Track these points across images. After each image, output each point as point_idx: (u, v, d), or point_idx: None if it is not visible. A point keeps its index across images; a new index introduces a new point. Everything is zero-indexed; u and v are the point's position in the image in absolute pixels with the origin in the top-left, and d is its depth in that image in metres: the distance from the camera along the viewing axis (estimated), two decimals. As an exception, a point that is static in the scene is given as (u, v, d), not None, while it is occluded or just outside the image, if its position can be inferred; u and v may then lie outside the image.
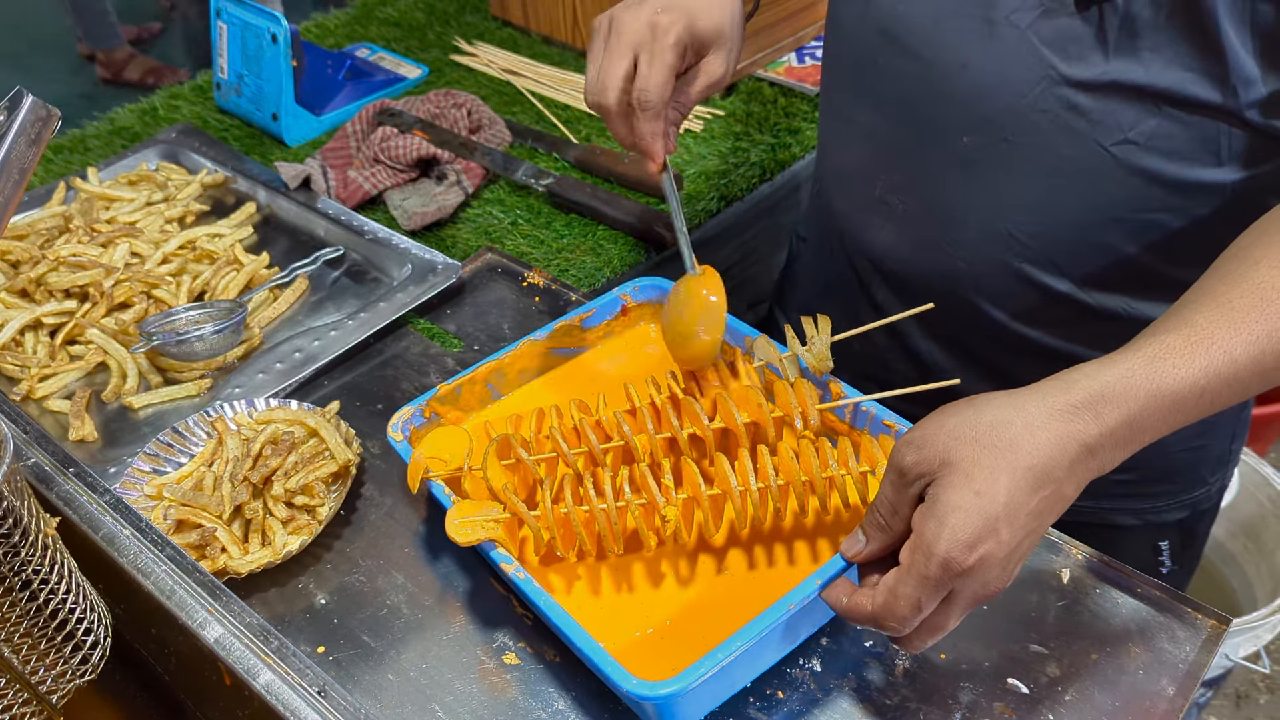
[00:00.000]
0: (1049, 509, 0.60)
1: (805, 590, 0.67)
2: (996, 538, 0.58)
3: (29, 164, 0.55)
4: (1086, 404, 0.59)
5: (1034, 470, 0.58)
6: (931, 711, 0.73)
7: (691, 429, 0.79)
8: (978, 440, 0.59)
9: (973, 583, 0.60)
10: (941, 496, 0.59)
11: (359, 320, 1.05)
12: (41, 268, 1.08)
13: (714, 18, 0.84)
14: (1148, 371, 0.59)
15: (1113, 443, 0.60)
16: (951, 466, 0.59)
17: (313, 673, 0.61)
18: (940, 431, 0.61)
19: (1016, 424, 0.59)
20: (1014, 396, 0.61)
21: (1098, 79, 0.72)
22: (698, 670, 0.64)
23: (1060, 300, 0.84)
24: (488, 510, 0.75)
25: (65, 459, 0.74)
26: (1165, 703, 0.73)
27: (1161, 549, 1.00)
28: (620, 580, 0.78)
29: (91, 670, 0.58)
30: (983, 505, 0.58)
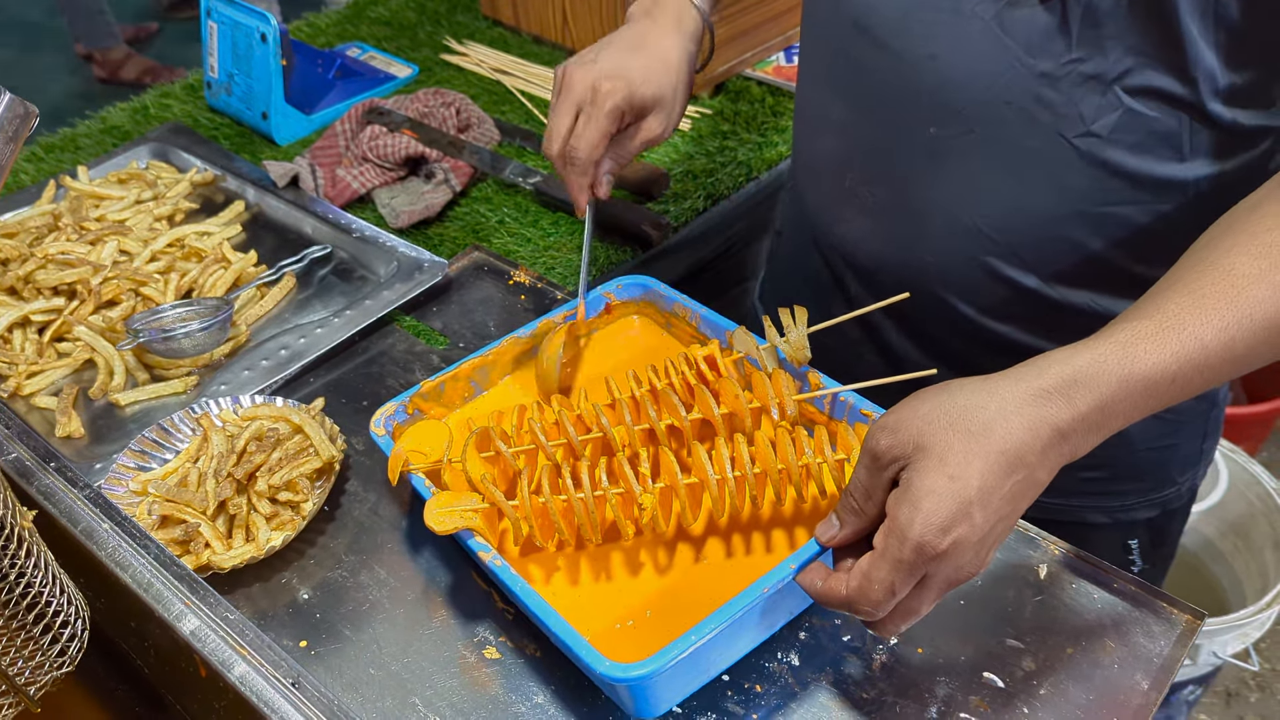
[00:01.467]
0: (1022, 493, 0.61)
1: (780, 574, 0.68)
2: (970, 521, 0.59)
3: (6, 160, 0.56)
4: (1059, 389, 0.60)
5: (1007, 454, 0.59)
6: (908, 705, 0.73)
7: (669, 420, 0.80)
8: (951, 425, 0.60)
9: (946, 566, 0.60)
10: (915, 481, 0.59)
11: (345, 318, 1.05)
12: (30, 265, 1.09)
13: (655, 84, 0.93)
14: (1119, 356, 0.60)
15: (1085, 427, 0.60)
16: (925, 451, 0.60)
17: (287, 664, 0.62)
18: (914, 416, 0.61)
19: (990, 408, 0.60)
20: (987, 381, 0.62)
21: (1061, 70, 0.73)
22: (670, 653, 0.64)
23: (1027, 295, 0.85)
24: (467, 501, 0.76)
25: (47, 454, 0.74)
26: (1140, 696, 0.73)
27: (1131, 548, 1.01)
28: (599, 570, 0.78)
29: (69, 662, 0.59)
30: (956, 489, 0.58)
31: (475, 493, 0.77)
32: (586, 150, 0.92)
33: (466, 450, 0.78)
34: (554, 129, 0.93)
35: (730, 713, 0.73)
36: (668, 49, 0.94)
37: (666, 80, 0.93)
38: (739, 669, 0.75)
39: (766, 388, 0.79)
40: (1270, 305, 0.61)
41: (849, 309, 0.96)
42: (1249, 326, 0.61)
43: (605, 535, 0.77)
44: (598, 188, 0.96)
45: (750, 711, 0.73)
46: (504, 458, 0.78)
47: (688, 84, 0.97)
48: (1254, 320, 0.61)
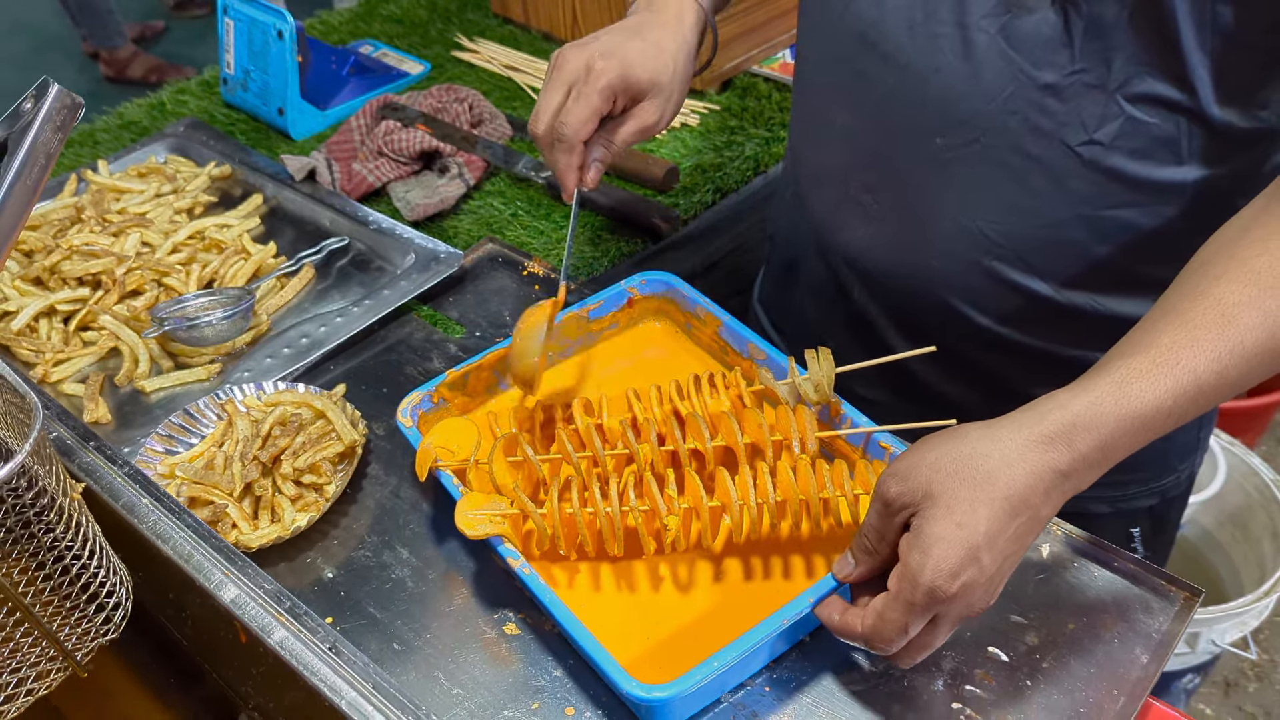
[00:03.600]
0: (1027, 532, 0.65)
1: (798, 606, 0.71)
2: (978, 565, 0.63)
3: (54, 150, 0.58)
4: (1060, 434, 0.63)
5: (1011, 500, 0.62)
6: (915, 679, 0.76)
7: (694, 444, 0.82)
8: (957, 474, 0.63)
9: (957, 606, 0.65)
10: (925, 528, 0.63)
11: (364, 307, 1.08)
12: (55, 256, 1.11)
13: (650, 68, 0.89)
14: (1116, 397, 0.63)
15: (1085, 465, 0.64)
16: (933, 499, 0.63)
17: (324, 630, 0.64)
18: (922, 464, 0.65)
19: (994, 456, 0.63)
20: (991, 428, 0.65)
21: (1064, 80, 0.75)
22: (693, 677, 0.68)
23: (1030, 298, 0.87)
24: (495, 505, 0.78)
25: (85, 433, 0.77)
26: (1139, 670, 0.76)
27: (1134, 535, 1.03)
28: (620, 579, 0.81)
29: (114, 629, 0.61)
30: (964, 536, 0.62)
31: (500, 495, 0.79)
32: (574, 126, 0.88)
33: (494, 455, 0.80)
34: (542, 105, 0.89)
35: (742, 685, 0.75)
36: (665, 38, 0.92)
37: (663, 66, 0.90)
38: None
39: (790, 421, 0.81)
40: (1261, 332, 0.64)
41: (852, 315, 0.98)
42: (1241, 354, 0.63)
43: (626, 548, 0.80)
44: (585, 172, 0.92)
45: (761, 684, 0.76)
46: (530, 463, 0.81)
47: (685, 76, 0.94)
48: (1245, 347, 0.64)
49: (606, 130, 0.92)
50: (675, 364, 0.97)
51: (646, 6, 0.95)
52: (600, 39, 0.90)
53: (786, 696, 0.75)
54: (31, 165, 0.57)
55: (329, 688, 0.62)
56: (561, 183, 0.92)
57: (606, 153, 0.92)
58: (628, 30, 0.91)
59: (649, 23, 0.93)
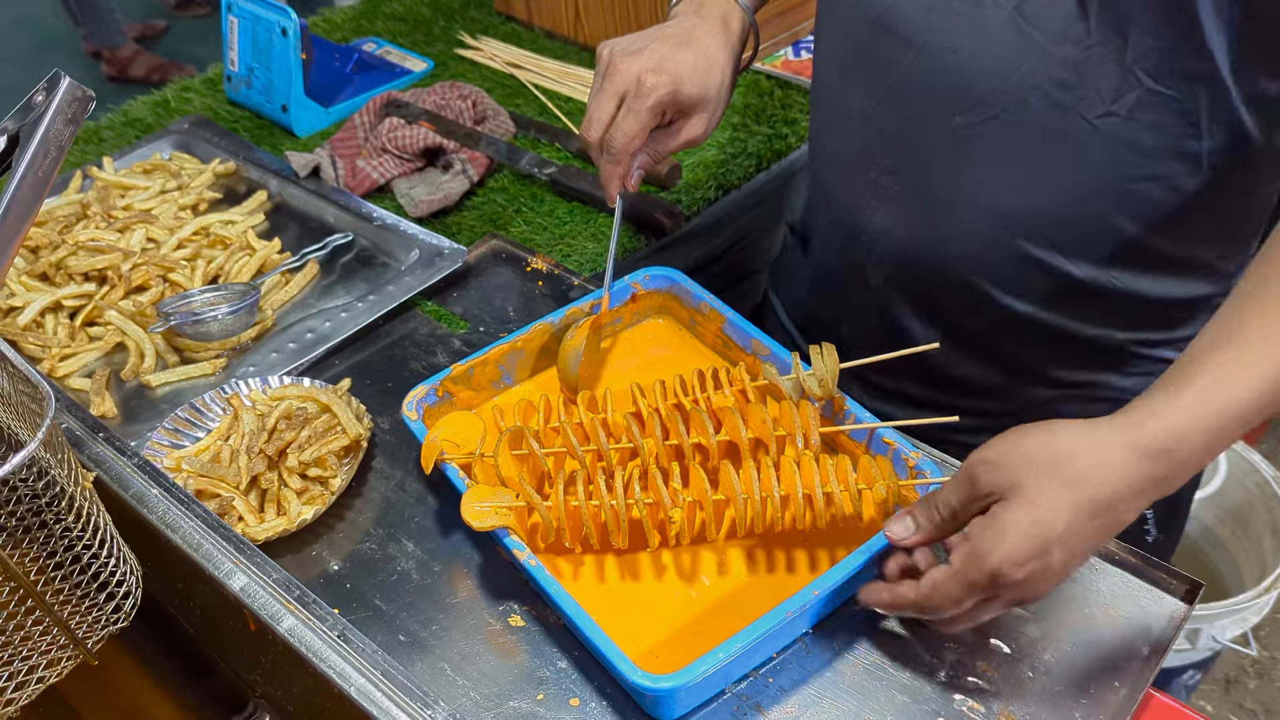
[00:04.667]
0: (1104, 533, 0.65)
1: (803, 599, 0.72)
2: (1047, 559, 0.64)
3: (65, 142, 0.59)
4: (1161, 448, 0.63)
5: (1098, 503, 0.63)
6: (918, 669, 0.76)
7: (697, 439, 0.83)
8: (1051, 470, 0.64)
9: (1014, 592, 0.66)
10: (1003, 515, 0.64)
11: (368, 302, 1.08)
12: (61, 252, 1.12)
13: (699, 84, 0.91)
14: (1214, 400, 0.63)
15: (1181, 474, 0.65)
16: (1021, 490, 0.64)
17: (332, 619, 0.65)
18: (1015, 453, 0.65)
19: (1091, 457, 0.64)
20: (1092, 429, 0.65)
21: (1082, 54, 0.76)
22: (699, 667, 0.68)
23: (1051, 274, 0.87)
24: (501, 497, 0.79)
25: (95, 425, 0.77)
26: (1139, 662, 0.76)
27: (1147, 517, 1.03)
28: (624, 570, 0.82)
29: (124, 618, 0.62)
30: (1041, 532, 0.63)
31: (506, 487, 0.80)
32: (624, 141, 0.91)
33: (499, 448, 0.81)
34: (594, 115, 0.92)
35: (746, 675, 0.76)
36: (715, 48, 0.93)
37: (712, 80, 0.92)
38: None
39: (794, 415, 0.82)
40: None
41: (870, 299, 0.99)
42: None
43: (631, 541, 0.80)
44: (628, 180, 0.95)
45: (766, 675, 0.76)
46: (535, 457, 0.81)
47: (731, 85, 0.96)
48: None
49: (653, 140, 0.95)
50: (679, 360, 0.98)
51: (693, 11, 0.95)
52: (651, 48, 0.91)
53: (790, 688, 0.75)
54: (43, 156, 0.57)
55: (338, 674, 0.63)
56: (605, 190, 0.96)
57: (649, 160, 0.96)
58: (678, 40, 0.92)
59: (698, 31, 0.93)
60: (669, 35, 0.93)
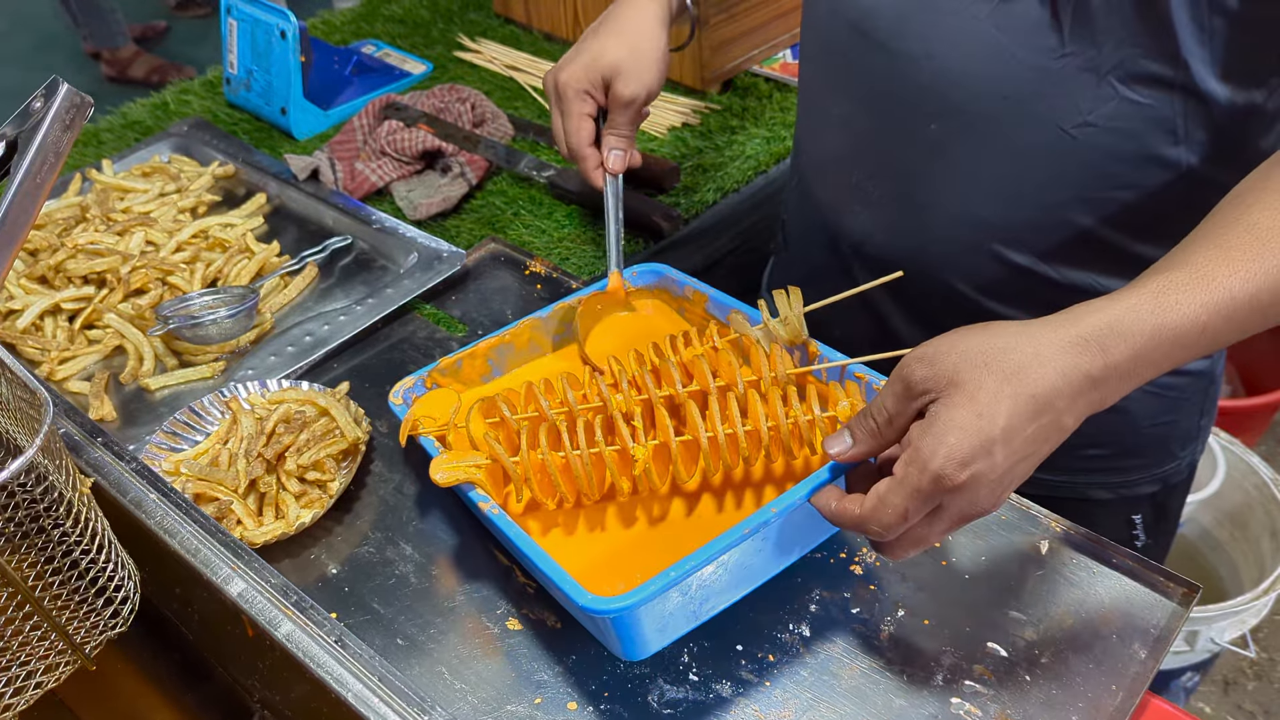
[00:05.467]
0: (1046, 437, 0.63)
1: (761, 517, 0.69)
2: (990, 459, 0.61)
3: (63, 149, 0.59)
4: (1094, 337, 0.62)
5: (1037, 399, 0.61)
6: (915, 673, 0.76)
7: (668, 391, 0.82)
8: (986, 364, 0.62)
9: (961, 500, 0.63)
10: (942, 414, 0.62)
11: (367, 306, 1.08)
12: (60, 255, 1.12)
13: (610, 54, 0.98)
14: (1152, 307, 0.62)
15: (1116, 375, 0.63)
16: (958, 386, 0.62)
17: (330, 624, 0.65)
18: (952, 351, 0.63)
19: (1025, 351, 0.62)
20: (1026, 326, 0.64)
21: (1056, 63, 0.76)
22: (648, 588, 0.66)
23: (1030, 277, 0.88)
24: (472, 458, 0.79)
25: (93, 429, 0.78)
26: (1137, 665, 0.76)
27: (1135, 522, 1.04)
28: (595, 524, 0.80)
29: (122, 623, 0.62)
30: (982, 426, 0.60)
31: (478, 451, 0.80)
32: (576, 140, 1.00)
33: (471, 413, 0.81)
34: (554, 133, 1.03)
35: (744, 680, 0.76)
36: (629, 18, 0.99)
37: (622, 45, 0.98)
38: (752, 639, 0.79)
39: (763, 361, 0.81)
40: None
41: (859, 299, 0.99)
42: (1275, 276, 0.63)
43: (603, 495, 0.79)
44: (608, 164, 1.01)
45: (763, 679, 0.76)
46: (508, 423, 0.81)
47: (656, 45, 0.99)
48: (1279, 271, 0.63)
49: (607, 124, 1.01)
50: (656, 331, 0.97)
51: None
52: (570, 54, 1.01)
53: (786, 692, 0.75)
54: (41, 164, 0.57)
55: (335, 680, 0.63)
56: (591, 183, 1.02)
57: (621, 139, 1.01)
58: (593, 30, 1.01)
59: (612, 14, 1.01)
60: (587, 32, 1.01)
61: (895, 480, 0.64)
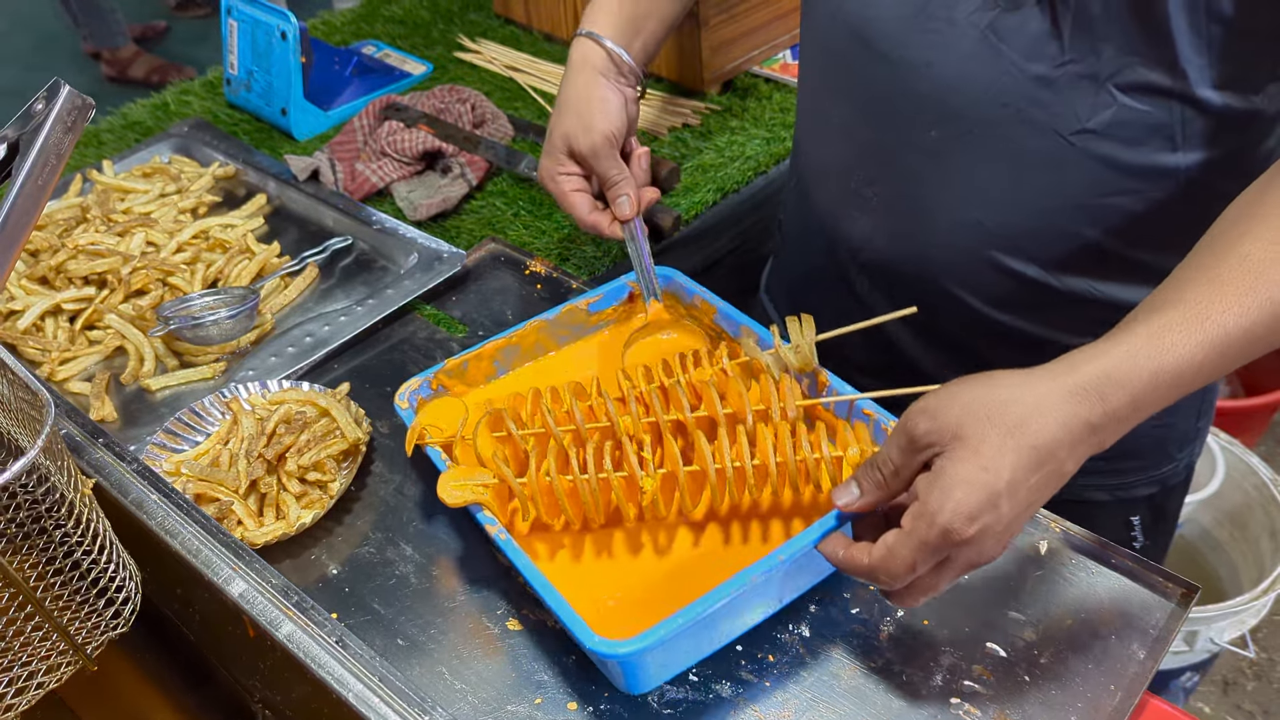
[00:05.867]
0: (1048, 484, 0.64)
1: (767, 564, 0.71)
2: (997, 511, 0.62)
3: (65, 150, 0.59)
4: (1093, 386, 0.63)
5: (1039, 450, 0.62)
6: (915, 673, 0.76)
7: (676, 415, 0.83)
8: (989, 417, 0.63)
9: (969, 551, 0.64)
10: (948, 469, 0.63)
11: (367, 306, 1.09)
12: (61, 256, 1.12)
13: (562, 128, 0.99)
14: (1149, 351, 0.63)
15: (1115, 421, 0.64)
16: (962, 441, 0.63)
17: (331, 624, 0.65)
18: (954, 404, 0.64)
19: (1027, 402, 0.63)
20: (1026, 376, 0.65)
21: (1055, 72, 0.76)
22: (656, 632, 0.67)
23: (1029, 284, 0.88)
24: (478, 476, 0.79)
25: (94, 430, 0.78)
26: (1136, 665, 0.77)
27: (1133, 524, 1.04)
28: (601, 549, 0.81)
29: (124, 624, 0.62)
30: (988, 480, 0.62)
31: (486, 469, 0.80)
32: (578, 214, 1.00)
33: (478, 429, 0.81)
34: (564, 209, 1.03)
35: (744, 680, 0.76)
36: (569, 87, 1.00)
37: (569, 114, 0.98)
38: (752, 640, 0.79)
39: (772, 390, 0.82)
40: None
41: (856, 305, 0.99)
42: (1268, 309, 0.64)
43: (608, 519, 0.80)
44: (617, 212, 0.99)
45: (763, 679, 0.76)
46: (514, 439, 0.82)
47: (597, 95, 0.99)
48: (1273, 303, 0.64)
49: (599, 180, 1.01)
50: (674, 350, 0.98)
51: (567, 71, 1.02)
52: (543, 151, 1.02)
53: (786, 692, 0.75)
54: (43, 165, 0.57)
55: (336, 680, 0.63)
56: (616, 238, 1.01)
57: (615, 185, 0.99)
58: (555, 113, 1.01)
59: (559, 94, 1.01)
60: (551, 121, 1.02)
61: (904, 533, 0.65)
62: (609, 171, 0.98)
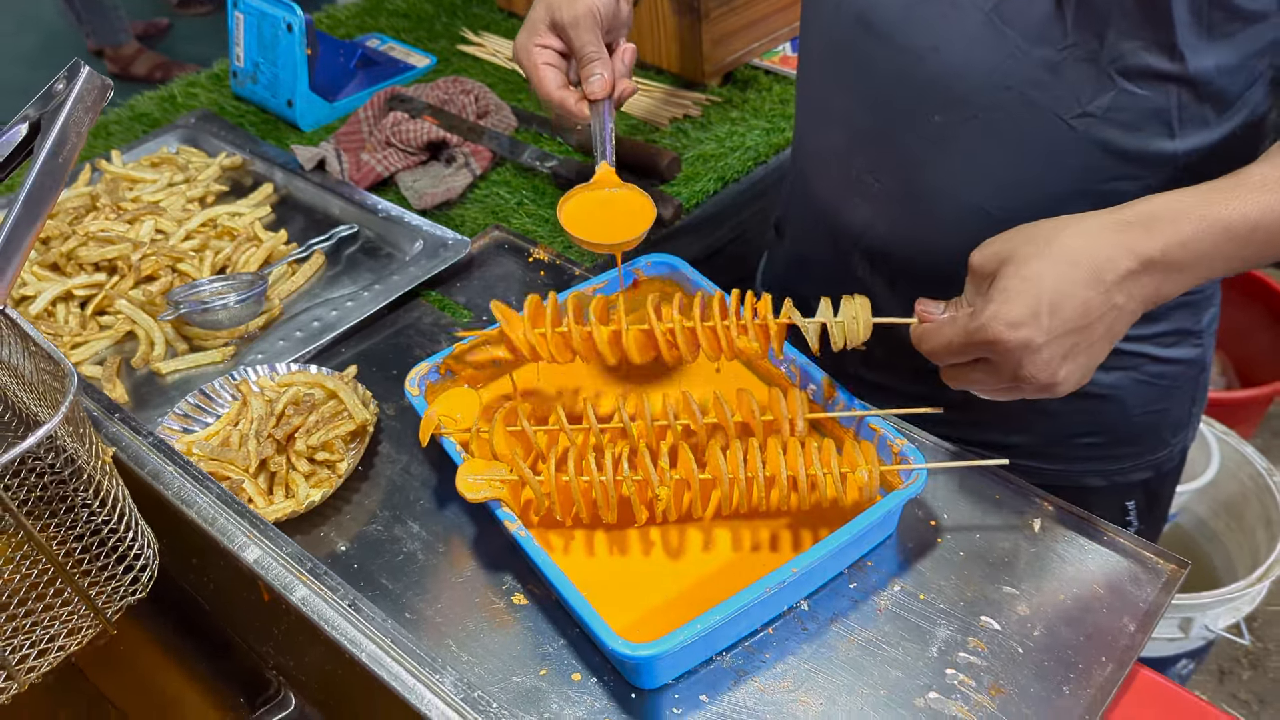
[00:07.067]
0: (1097, 312, 0.68)
1: (781, 575, 0.74)
2: (1038, 323, 0.67)
3: (84, 129, 0.61)
4: (1138, 220, 0.67)
5: (1080, 266, 0.67)
6: (911, 645, 0.78)
7: (685, 420, 0.85)
8: (1033, 240, 0.69)
9: (1009, 360, 0.69)
10: (997, 284, 0.69)
11: (374, 292, 1.10)
12: (72, 243, 1.14)
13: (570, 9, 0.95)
14: (1198, 200, 0.68)
15: (1166, 263, 0.67)
16: (1009, 261, 0.69)
17: (344, 589, 0.67)
18: (1009, 235, 0.71)
19: (1073, 229, 0.68)
20: (1081, 215, 0.70)
21: (1058, 55, 0.78)
22: (677, 637, 0.70)
23: None
24: (495, 470, 0.81)
25: (110, 405, 0.79)
26: (1126, 638, 0.78)
27: (1129, 509, 1.06)
28: (613, 545, 0.84)
29: (142, 589, 0.64)
30: (1029, 289, 0.67)
31: (500, 462, 0.82)
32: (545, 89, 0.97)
33: (495, 424, 0.83)
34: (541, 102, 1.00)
35: (744, 652, 0.78)
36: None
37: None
38: (749, 617, 0.80)
39: (780, 403, 0.84)
40: None
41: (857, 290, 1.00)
42: None
43: (619, 517, 0.82)
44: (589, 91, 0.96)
45: (762, 652, 0.78)
46: (526, 434, 0.83)
47: None
48: None
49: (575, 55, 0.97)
50: None
51: None
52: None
53: (785, 662, 0.77)
54: (63, 142, 0.59)
55: (349, 641, 0.65)
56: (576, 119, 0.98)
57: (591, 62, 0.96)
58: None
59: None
60: None
61: (951, 318, 0.72)
62: (587, 47, 0.96)
